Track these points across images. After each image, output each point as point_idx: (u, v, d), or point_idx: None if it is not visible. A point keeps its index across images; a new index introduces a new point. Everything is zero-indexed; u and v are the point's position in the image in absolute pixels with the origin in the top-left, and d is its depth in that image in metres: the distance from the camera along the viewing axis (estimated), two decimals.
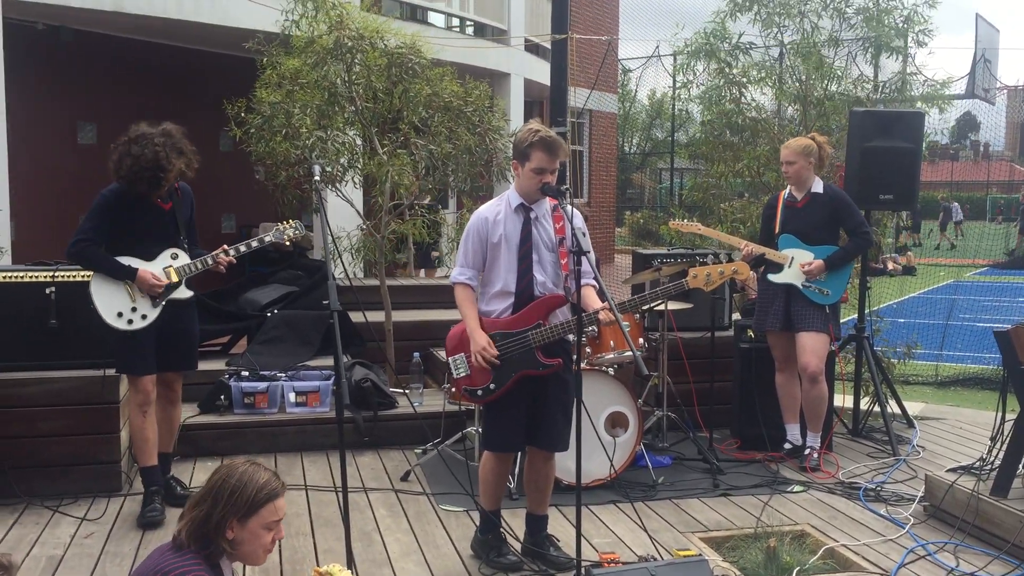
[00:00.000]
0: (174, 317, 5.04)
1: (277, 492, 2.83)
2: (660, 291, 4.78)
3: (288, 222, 5.28)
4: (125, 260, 4.91)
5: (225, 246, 5.12)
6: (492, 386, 4.28)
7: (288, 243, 5.30)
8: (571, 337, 4.33)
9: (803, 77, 8.13)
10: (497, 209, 4.35)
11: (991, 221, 34.70)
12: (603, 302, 4.25)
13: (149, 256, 4.96)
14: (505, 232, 4.29)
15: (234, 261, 5.15)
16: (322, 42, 7.10)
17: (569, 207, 4.18)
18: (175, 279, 4.97)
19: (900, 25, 8.04)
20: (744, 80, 8.36)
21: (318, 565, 4.48)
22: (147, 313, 4.93)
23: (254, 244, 5.15)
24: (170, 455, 5.37)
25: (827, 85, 8.13)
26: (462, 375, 4.35)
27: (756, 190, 8.36)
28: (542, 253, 4.30)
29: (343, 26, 7.10)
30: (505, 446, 4.43)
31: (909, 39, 8.15)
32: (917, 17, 8.02)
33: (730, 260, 6.97)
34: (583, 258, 4.05)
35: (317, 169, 4.22)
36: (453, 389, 5.38)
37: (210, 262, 5.04)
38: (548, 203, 4.35)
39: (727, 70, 8.34)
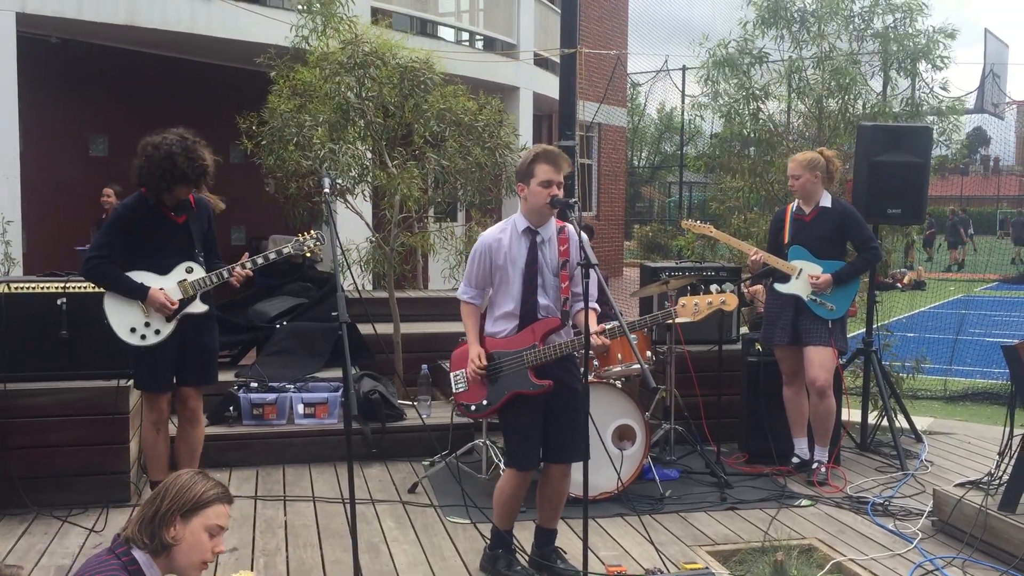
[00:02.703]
0: (194, 331, 4.97)
1: (224, 497, 2.91)
2: (648, 319, 4.81)
3: (309, 233, 5.12)
4: (139, 275, 4.83)
5: (244, 258, 5.02)
6: (485, 402, 4.41)
7: (308, 254, 5.15)
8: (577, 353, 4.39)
9: (821, 88, 8.16)
10: (503, 233, 4.40)
11: (999, 237, 34.58)
12: (611, 323, 4.30)
13: (163, 270, 4.88)
14: (510, 256, 4.35)
15: (251, 275, 5.07)
16: (335, 55, 7.15)
17: (574, 223, 4.19)
18: (189, 293, 4.89)
19: (921, 46, 8.07)
20: (762, 95, 8.39)
21: (324, 575, 4.50)
22: (161, 328, 4.85)
23: (272, 256, 5.02)
24: None
25: (849, 100, 8.16)
26: (460, 390, 4.51)
27: (771, 203, 8.36)
28: (546, 277, 4.35)
29: (358, 41, 7.15)
30: (528, 464, 4.42)
31: (923, 66, 8.19)
32: (935, 45, 8.05)
33: (737, 273, 7.00)
34: (591, 273, 4.08)
35: (327, 182, 4.22)
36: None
37: (226, 275, 4.93)
38: (554, 225, 4.39)
39: (748, 83, 8.38)
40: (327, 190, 4.16)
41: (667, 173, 32.43)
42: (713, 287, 4.70)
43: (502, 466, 5.74)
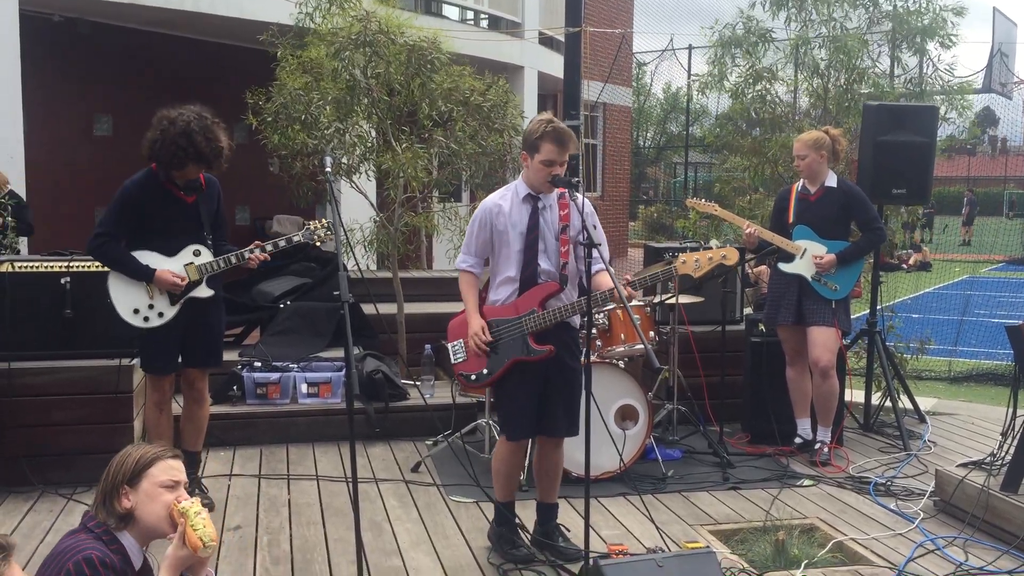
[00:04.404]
0: (200, 314, 4.93)
1: (165, 453, 2.91)
2: (649, 277, 4.76)
3: (320, 222, 5.05)
4: (145, 255, 4.78)
5: (259, 242, 4.97)
6: (485, 371, 4.36)
7: (319, 243, 5.07)
8: (575, 321, 4.38)
9: (825, 67, 8.13)
10: (504, 199, 4.38)
11: (1008, 218, 34.45)
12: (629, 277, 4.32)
13: (170, 252, 4.82)
14: (512, 221, 4.32)
15: (267, 259, 4.98)
16: (345, 31, 7.11)
17: (580, 199, 4.16)
18: (195, 277, 4.83)
19: (927, 24, 8.03)
20: (769, 76, 8.36)
21: (328, 555, 4.52)
22: (164, 311, 4.82)
23: (281, 244, 4.97)
24: (197, 453, 5.26)
25: (853, 79, 8.13)
26: (459, 361, 4.44)
27: (776, 185, 8.34)
28: (548, 242, 4.32)
29: (368, 18, 7.12)
30: (521, 433, 4.44)
31: (932, 44, 8.16)
32: (941, 22, 8.00)
33: (741, 253, 6.98)
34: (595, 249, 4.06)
35: (328, 160, 4.19)
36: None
37: (234, 260, 4.87)
38: (556, 190, 4.37)
39: (757, 63, 8.35)
40: (328, 169, 4.13)
41: (673, 153, 32.33)
42: (713, 242, 4.64)
43: None
